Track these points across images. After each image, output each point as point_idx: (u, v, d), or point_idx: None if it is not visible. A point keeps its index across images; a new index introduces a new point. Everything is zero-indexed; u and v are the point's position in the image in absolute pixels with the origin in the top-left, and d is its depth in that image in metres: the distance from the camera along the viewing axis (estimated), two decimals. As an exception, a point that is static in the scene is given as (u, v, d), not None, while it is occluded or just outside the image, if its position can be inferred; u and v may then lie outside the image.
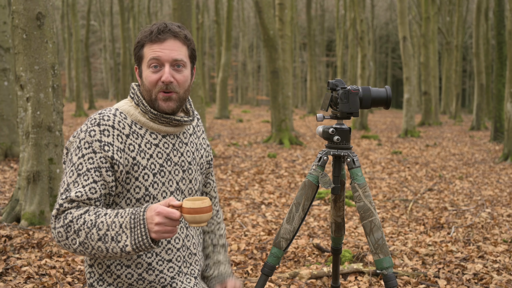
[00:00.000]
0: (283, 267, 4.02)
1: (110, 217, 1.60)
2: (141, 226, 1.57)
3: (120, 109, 1.77)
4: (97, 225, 1.58)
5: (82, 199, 1.62)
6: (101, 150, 1.67)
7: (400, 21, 16.51)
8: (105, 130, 1.70)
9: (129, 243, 1.57)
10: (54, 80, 4.98)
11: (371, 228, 1.96)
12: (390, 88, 2.09)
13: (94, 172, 1.65)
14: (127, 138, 1.73)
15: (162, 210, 1.55)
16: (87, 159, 1.66)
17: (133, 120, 1.76)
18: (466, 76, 48.08)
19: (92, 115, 1.76)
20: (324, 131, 2.05)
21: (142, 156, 1.74)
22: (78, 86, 23.33)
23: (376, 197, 6.98)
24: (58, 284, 3.47)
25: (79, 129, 1.73)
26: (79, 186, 1.63)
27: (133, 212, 1.59)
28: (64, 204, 1.62)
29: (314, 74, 30.06)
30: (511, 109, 10.33)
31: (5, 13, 8.34)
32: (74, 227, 1.59)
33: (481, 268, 4.02)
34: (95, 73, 51.76)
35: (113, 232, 1.58)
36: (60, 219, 1.61)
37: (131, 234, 1.57)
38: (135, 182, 1.72)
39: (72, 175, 1.66)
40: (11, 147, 8.44)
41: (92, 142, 1.67)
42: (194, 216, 1.56)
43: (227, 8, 21.36)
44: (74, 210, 1.61)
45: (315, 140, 14.58)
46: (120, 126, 1.73)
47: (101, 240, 1.57)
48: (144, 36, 1.76)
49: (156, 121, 1.78)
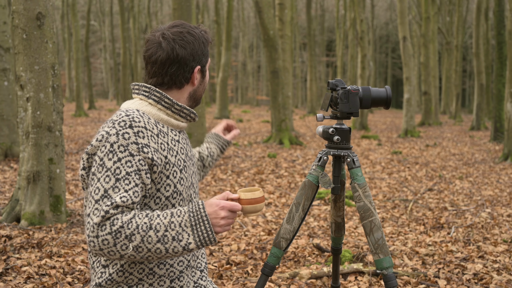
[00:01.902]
0: (283, 267, 4.02)
1: (165, 218, 1.59)
2: (204, 222, 1.59)
3: (141, 110, 1.74)
4: (154, 227, 1.56)
5: (127, 203, 1.58)
6: (140, 152, 1.62)
7: (400, 21, 16.51)
8: (139, 132, 1.65)
9: (193, 240, 1.59)
10: (54, 80, 4.98)
11: (371, 228, 1.96)
12: (390, 88, 2.09)
13: (134, 175, 1.61)
14: (158, 138, 1.71)
15: (226, 204, 1.61)
16: (124, 163, 1.60)
17: (155, 119, 1.75)
18: (466, 76, 48.08)
19: (115, 117, 1.68)
20: (324, 131, 2.05)
21: (171, 154, 1.74)
22: (78, 86, 23.34)
23: (376, 197, 6.99)
24: (58, 284, 3.47)
25: (105, 132, 1.64)
26: (121, 190, 1.58)
27: (191, 210, 1.61)
28: (110, 210, 1.56)
29: (314, 74, 30.07)
30: (511, 109, 10.33)
31: (5, 13, 8.34)
32: (126, 232, 1.55)
33: (481, 268, 4.02)
34: (95, 73, 51.76)
35: (173, 232, 1.58)
36: (106, 226, 1.55)
37: (193, 232, 1.59)
38: (166, 181, 1.71)
39: (109, 181, 1.59)
40: (11, 147, 8.44)
41: (128, 145, 1.62)
42: (255, 206, 1.66)
43: (227, 8, 21.36)
44: (120, 216, 1.56)
45: (315, 140, 14.58)
46: (150, 127, 1.69)
47: (160, 241, 1.56)
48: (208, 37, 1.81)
49: (177, 115, 1.79)
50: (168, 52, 1.73)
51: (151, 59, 1.76)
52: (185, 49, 1.75)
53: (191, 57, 1.76)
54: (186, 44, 1.75)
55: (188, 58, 1.76)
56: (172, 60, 1.74)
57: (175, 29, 1.77)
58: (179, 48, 1.74)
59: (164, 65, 1.75)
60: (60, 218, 5.01)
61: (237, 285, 3.60)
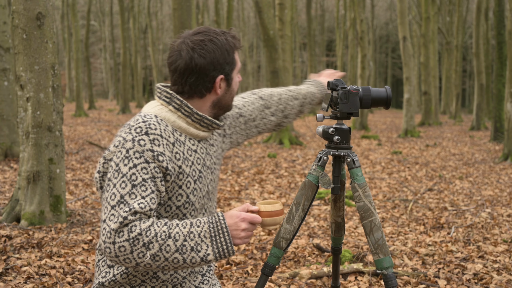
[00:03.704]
0: (283, 267, 4.02)
1: (184, 227, 1.57)
2: (224, 234, 1.58)
3: (159, 116, 1.69)
4: (173, 236, 1.54)
5: (145, 210, 1.55)
6: (155, 160, 1.60)
7: (400, 21, 16.51)
8: (155, 140, 1.61)
9: (211, 252, 1.56)
10: (54, 80, 4.98)
11: (371, 228, 1.96)
12: (390, 88, 2.09)
13: (150, 182, 1.58)
14: (173, 147, 1.67)
15: (247, 216, 1.60)
16: (140, 169, 1.58)
17: (173, 127, 1.70)
18: (466, 76, 48.08)
19: (132, 122, 1.65)
20: (324, 131, 2.05)
21: (186, 164, 1.70)
22: (78, 86, 23.33)
23: (376, 197, 6.99)
24: (58, 284, 3.47)
25: (121, 138, 1.63)
26: (138, 197, 1.56)
27: (211, 221, 1.59)
28: (129, 216, 1.52)
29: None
30: (511, 109, 10.33)
31: (5, 13, 8.34)
32: (144, 240, 1.51)
33: (481, 268, 4.02)
34: (95, 73, 51.76)
35: (192, 242, 1.55)
36: (124, 233, 1.51)
37: (212, 243, 1.57)
38: (178, 190, 1.69)
39: (125, 186, 1.56)
40: (11, 147, 8.44)
41: (143, 151, 1.59)
42: (274, 219, 1.65)
43: (227, 8, 21.36)
44: (139, 223, 1.53)
45: (315, 140, 14.58)
46: (166, 135, 1.65)
47: (178, 251, 1.54)
48: (235, 43, 1.73)
49: (198, 124, 1.73)
50: (187, 61, 1.68)
51: (171, 67, 1.72)
52: (205, 59, 1.68)
53: (211, 66, 1.69)
54: (206, 54, 1.67)
55: (208, 68, 1.69)
56: (191, 70, 1.68)
57: (197, 36, 1.69)
58: (197, 58, 1.67)
59: (183, 74, 1.70)
60: (60, 218, 5.01)
61: (237, 285, 3.60)
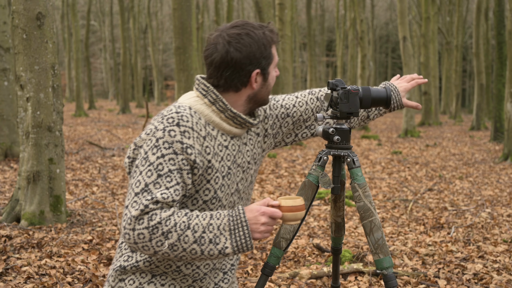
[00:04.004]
0: (283, 267, 4.02)
1: (204, 219, 1.57)
2: (244, 228, 1.57)
3: (193, 108, 1.68)
4: (192, 227, 1.54)
5: (167, 201, 1.55)
6: (183, 152, 1.59)
7: (400, 21, 16.51)
8: (185, 132, 1.61)
9: (229, 245, 1.56)
10: (54, 80, 4.98)
11: (371, 228, 1.96)
12: (390, 88, 2.08)
13: (176, 173, 1.58)
14: (204, 140, 1.66)
15: (267, 210, 1.58)
16: (167, 160, 1.58)
17: (206, 120, 1.69)
18: (466, 76, 48.08)
19: (165, 112, 1.65)
20: (324, 131, 2.04)
21: (216, 159, 1.69)
22: (78, 86, 23.34)
23: (376, 197, 6.99)
24: (58, 284, 3.47)
25: (153, 126, 1.63)
26: (162, 187, 1.56)
27: (231, 214, 1.59)
28: (150, 205, 1.53)
29: (314, 74, 30.05)
30: (511, 109, 10.33)
31: (5, 13, 8.34)
32: (163, 229, 1.52)
33: (481, 268, 4.03)
34: (95, 73, 51.77)
35: (210, 234, 1.55)
36: (144, 220, 1.52)
37: (231, 236, 1.57)
38: (206, 185, 1.68)
39: (151, 175, 1.57)
40: (11, 147, 8.44)
41: (173, 142, 1.59)
42: (295, 214, 1.63)
43: (227, 8, 21.36)
44: (159, 211, 1.54)
45: (315, 140, 14.59)
46: (198, 128, 1.65)
47: (196, 242, 1.54)
48: (272, 37, 1.71)
49: (231, 121, 1.72)
50: (222, 55, 1.65)
51: (207, 60, 1.70)
52: (241, 53, 1.65)
53: (247, 60, 1.66)
54: (242, 47, 1.65)
55: (244, 62, 1.66)
56: (226, 63, 1.66)
57: (234, 30, 1.67)
58: (233, 52, 1.65)
59: (218, 68, 1.67)
60: (60, 218, 5.01)
61: (237, 285, 3.60)
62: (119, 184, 7.30)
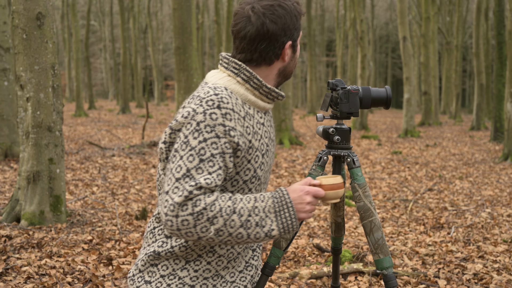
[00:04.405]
0: (283, 267, 4.02)
1: (248, 202, 1.55)
2: (289, 209, 1.57)
3: (229, 88, 1.65)
4: (238, 211, 1.53)
5: (211, 186, 1.52)
6: (226, 135, 1.55)
7: (400, 21, 16.51)
8: (227, 114, 1.57)
9: (276, 227, 1.56)
10: (54, 80, 4.98)
11: (371, 228, 1.96)
12: (390, 88, 2.09)
13: (219, 157, 1.55)
14: (244, 121, 1.63)
15: (311, 189, 1.59)
16: (210, 144, 1.54)
17: (242, 100, 1.67)
18: (466, 76, 48.09)
19: (202, 94, 1.60)
20: (324, 131, 2.04)
21: (255, 138, 1.66)
22: (78, 86, 23.34)
23: (376, 197, 6.99)
24: (58, 284, 3.47)
25: (191, 109, 1.57)
26: (205, 172, 1.53)
27: (275, 195, 1.58)
28: (194, 191, 1.50)
29: (314, 74, 30.08)
30: (511, 109, 10.33)
31: (5, 13, 8.35)
32: (208, 214, 1.50)
33: (481, 268, 4.03)
34: (95, 73, 51.77)
35: (256, 217, 1.54)
36: (188, 207, 1.49)
37: (277, 218, 1.56)
38: (246, 165, 1.65)
39: (192, 160, 1.53)
40: (11, 147, 8.44)
41: (215, 126, 1.55)
42: (337, 192, 1.64)
43: (227, 8, 21.36)
44: (203, 197, 1.51)
45: (315, 140, 14.58)
46: (238, 109, 1.61)
47: (243, 226, 1.53)
48: (301, 9, 1.70)
49: (264, 97, 1.70)
50: (258, 27, 1.63)
51: (239, 34, 1.66)
52: (276, 24, 1.63)
53: (282, 32, 1.65)
54: (277, 19, 1.63)
55: (279, 34, 1.65)
56: (262, 36, 1.64)
57: (265, 2, 1.65)
58: (269, 23, 1.63)
59: (253, 41, 1.64)
60: (60, 218, 5.01)
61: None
62: (119, 184, 7.30)
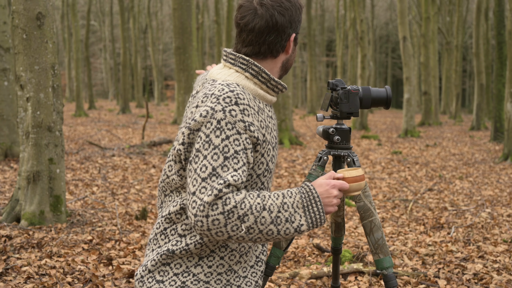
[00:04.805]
0: (283, 267, 4.02)
1: (277, 198, 1.56)
2: (317, 204, 1.58)
3: (241, 84, 1.66)
4: (268, 208, 1.53)
5: (238, 183, 1.52)
6: (246, 131, 1.57)
7: (400, 21, 16.51)
8: (245, 110, 1.58)
9: (305, 222, 1.57)
10: (54, 80, 4.98)
11: (371, 228, 1.96)
12: (390, 88, 2.09)
13: (242, 154, 1.56)
14: (258, 115, 1.65)
15: (336, 183, 1.61)
16: (232, 141, 1.55)
17: (253, 94, 1.69)
18: (466, 76, 48.08)
19: (217, 92, 1.60)
20: (324, 131, 2.04)
21: (267, 131, 1.68)
22: (78, 86, 23.34)
23: (376, 197, 6.99)
24: (58, 284, 3.47)
25: (209, 108, 1.57)
26: (231, 169, 1.53)
27: (302, 191, 1.59)
28: (223, 189, 1.49)
29: (314, 74, 30.07)
30: (511, 109, 10.33)
31: (5, 13, 8.34)
32: (239, 212, 1.50)
33: (481, 268, 4.03)
34: (95, 73, 51.77)
35: (286, 213, 1.55)
36: (218, 206, 1.49)
37: (305, 213, 1.57)
38: (260, 159, 1.66)
39: (217, 158, 1.53)
40: (11, 147, 8.44)
41: (235, 122, 1.56)
42: (359, 184, 1.66)
43: (227, 8, 21.36)
44: (232, 195, 1.51)
45: (315, 140, 14.58)
46: (252, 104, 1.63)
47: (273, 223, 1.53)
48: (302, 4, 1.73)
49: (271, 91, 1.72)
50: (267, 19, 1.65)
51: (247, 27, 1.66)
52: (284, 16, 1.66)
53: (289, 24, 1.68)
54: (285, 11, 1.66)
55: (286, 26, 1.67)
56: (271, 27, 1.65)
57: None
58: (278, 15, 1.65)
59: (262, 33, 1.66)
60: (60, 218, 5.01)
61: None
62: (119, 184, 7.30)
